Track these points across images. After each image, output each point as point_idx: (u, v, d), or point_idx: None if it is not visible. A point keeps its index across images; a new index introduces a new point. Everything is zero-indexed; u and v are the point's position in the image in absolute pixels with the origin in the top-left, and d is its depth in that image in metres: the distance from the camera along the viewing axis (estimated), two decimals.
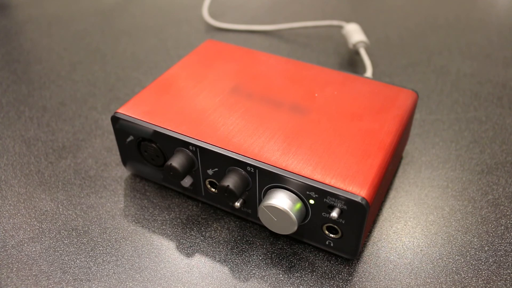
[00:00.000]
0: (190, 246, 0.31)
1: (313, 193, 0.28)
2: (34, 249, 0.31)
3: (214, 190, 0.32)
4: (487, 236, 0.32)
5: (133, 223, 0.33)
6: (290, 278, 0.29)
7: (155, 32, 0.56)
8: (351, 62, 0.50)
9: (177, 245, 0.31)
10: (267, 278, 0.29)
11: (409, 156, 0.38)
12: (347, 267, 0.30)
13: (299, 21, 0.57)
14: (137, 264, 0.30)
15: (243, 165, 0.29)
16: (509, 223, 0.33)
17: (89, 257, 0.31)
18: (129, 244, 0.31)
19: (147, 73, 0.48)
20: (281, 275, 0.30)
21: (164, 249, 0.31)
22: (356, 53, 0.49)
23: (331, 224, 0.29)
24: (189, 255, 0.31)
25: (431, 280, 0.29)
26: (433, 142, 0.40)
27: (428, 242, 0.32)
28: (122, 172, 0.37)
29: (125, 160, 0.35)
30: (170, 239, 0.32)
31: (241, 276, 0.30)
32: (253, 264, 0.30)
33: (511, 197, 0.35)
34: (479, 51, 0.52)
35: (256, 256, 0.31)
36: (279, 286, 0.29)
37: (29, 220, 0.33)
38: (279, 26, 0.55)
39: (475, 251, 0.31)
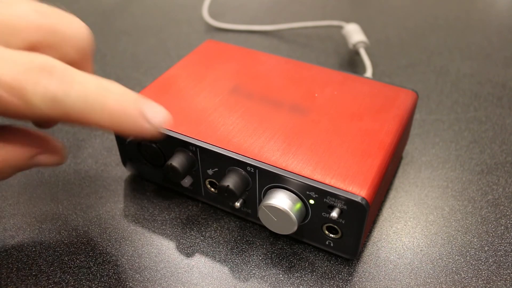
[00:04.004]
0: (190, 246, 0.31)
1: (313, 193, 0.28)
2: (34, 249, 0.31)
3: (214, 190, 0.32)
4: (487, 236, 0.32)
5: (133, 223, 0.33)
6: (290, 278, 0.29)
7: (155, 32, 0.56)
8: (351, 62, 0.50)
9: (177, 245, 0.31)
10: (267, 278, 0.29)
11: (409, 156, 0.38)
12: (347, 267, 0.30)
13: (299, 21, 0.57)
14: (137, 264, 0.30)
15: (243, 165, 0.29)
16: (509, 223, 0.33)
17: (89, 257, 0.31)
18: (129, 244, 0.31)
19: (147, 73, 0.48)
20: (281, 275, 0.30)
21: (164, 249, 0.31)
22: (356, 53, 0.49)
23: (331, 224, 0.29)
24: (189, 255, 0.31)
25: (431, 280, 0.29)
26: (433, 142, 0.40)
27: (428, 242, 0.31)
28: (122, 172, 0.37)
29: (125, 160, 0.35)
30: (170, 239, 0.32)
31: (241, 276, 0.30)
32: (253, 264, 0.30)
33: (511, 197, 0.35)
34: (479, 51, 0.52)
35: (256, 256, 0.31)
36: (279, 286, 0.29)
37: (29, 220, 0.33)
38: (279, 26, 0.55)
39: (475, 251, 0.31)
